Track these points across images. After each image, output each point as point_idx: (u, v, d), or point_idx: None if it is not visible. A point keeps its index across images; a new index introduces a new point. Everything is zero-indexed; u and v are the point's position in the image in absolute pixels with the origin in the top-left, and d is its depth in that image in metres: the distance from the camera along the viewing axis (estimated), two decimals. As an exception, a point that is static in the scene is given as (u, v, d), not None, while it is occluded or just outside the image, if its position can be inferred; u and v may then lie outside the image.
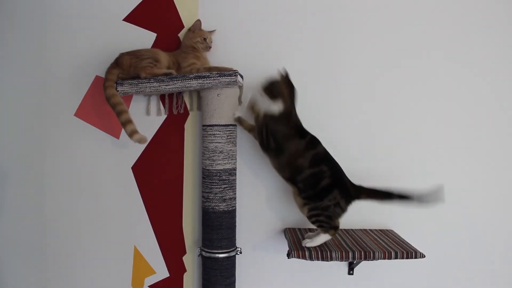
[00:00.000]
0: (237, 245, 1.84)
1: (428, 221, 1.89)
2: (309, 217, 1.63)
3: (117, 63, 1.77)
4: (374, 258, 1.57)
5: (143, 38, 1.88)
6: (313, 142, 1.64)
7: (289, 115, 1.64)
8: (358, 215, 1.87)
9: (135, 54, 1.77)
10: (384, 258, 1.57)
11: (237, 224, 1.82)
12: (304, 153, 1.61)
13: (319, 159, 1.62)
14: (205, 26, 1.83)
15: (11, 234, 1.96)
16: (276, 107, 1.61)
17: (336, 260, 1.57)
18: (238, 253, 1.82)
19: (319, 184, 1.60)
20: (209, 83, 1.67)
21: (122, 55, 1.78)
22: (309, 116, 1.74)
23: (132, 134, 1.71)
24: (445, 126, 1.88)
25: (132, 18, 1.90)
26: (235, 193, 1.78)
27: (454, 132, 1.88)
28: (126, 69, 1.75)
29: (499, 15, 1.86)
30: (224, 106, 1.73)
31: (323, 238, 1.63)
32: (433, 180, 1.89)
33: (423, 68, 1.87)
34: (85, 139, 1.92)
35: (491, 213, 1.90)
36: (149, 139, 1.89)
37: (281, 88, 1.62)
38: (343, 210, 1.63)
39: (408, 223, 1.89)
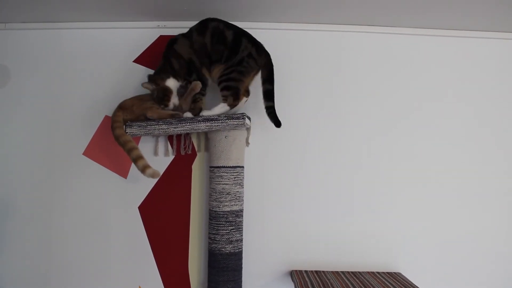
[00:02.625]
0: (243, 287, 1.82)
1: (436, 263, 1.88)
2: (220, 82, 1.70)
3: (120, 106, 1.79)
4: (382, 304, 1.56)
5: (152, 80, 1.92)
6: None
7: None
8: (365, 258, 1.88)
9: (137, 97, 1.81)
10: (393, 304, 1.56)
11: (243, 266, 1.80)
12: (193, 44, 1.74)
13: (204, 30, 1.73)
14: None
15: (18, 270, 1.94)
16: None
17: (344, 305, 1.55)
18: (245, 296, 1.80)
19: (226, 38, 1.70)
20: (217, 125, 1.69)
21: (124, 100, 1.81)
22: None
23: (144, 169, 1.69)
24: (452, 170, 1.91)
25: (142, 59, 1.95)
26: (242, 235, 1.77)
27: (461, 176, 1.92)
28: (128, 108, 1.77)
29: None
30: (231, 148, 1.74)
31: (220, 107, 1.70)
32: (443, 222, 1.90)
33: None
34: (93, 178, 1.93)
35: (500, 255, 1.89)
36: (156, 179, 1.90)
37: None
38: (256, 61, 1.70)
39: (416, 265, 1.88)
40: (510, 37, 1.94)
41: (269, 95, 1.71)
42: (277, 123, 1.72)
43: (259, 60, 1.72)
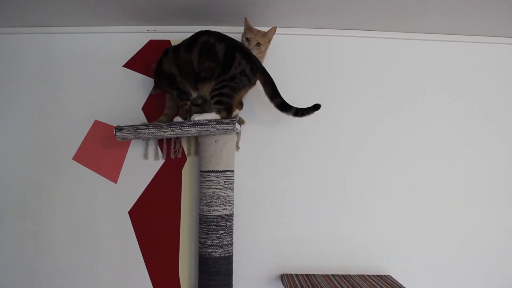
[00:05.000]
0: (234, 291, 1.82)
1: (426, 266, 1.89)
2: (212, 97, 1.68)
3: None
4: (372, 307, 1.56)
5: (142, 84, 1.92)
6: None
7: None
8: (355, 261, 1.88)
9: None
10: (383, 307, 1.56)
11: (234, 270, 1.80)
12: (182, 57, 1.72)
13: (193, 44, 1.70)
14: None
15: (7, 275, 1.92)
16: None
17: (334, 309, 1.56)
18: (235, 300, 1.80)
19: (216, 54, 1.65)
20: (207, 130, 1.70)
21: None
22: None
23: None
24: (442, 174, 1.93)
25: (132, 64, 1.95)
26: (232, 239, 1.77)
27: (450, 180, 1.93)
28: None
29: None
30: (221, 152, 1.75)
31: (212, 115, 1.69)
32: (433, 225, 1.91)
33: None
34: (83, 183, 1.92)
35: (490, 258, 1.91)
36: (146, 183, 1.91)
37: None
38: (249, 78, 1.67)
39: (406, 268, 1.89)
40: (505, 42, 1.97)
41: (285, 106, 1.69)
42: (315, 107, 1.69)
43: (253, 78, 1.69)
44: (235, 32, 1.84)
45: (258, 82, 1.73)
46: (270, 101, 1.71)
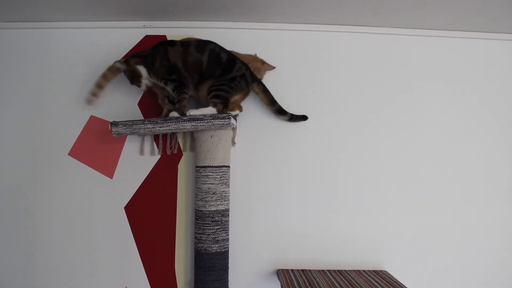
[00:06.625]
0: (230, 286, 1.82)
1: (421, 261, 1.90)
2: (210, 92, 1.72)
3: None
4: (367, 302, 1.57)
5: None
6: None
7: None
8: (351, 256, 1.89)
9: None
10: (378, 302, 1.57)
11: (229, 265, 1.80)
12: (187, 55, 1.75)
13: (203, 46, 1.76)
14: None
15: (2, 271, 1.92)
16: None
17: (329, 303, 1.56)
18: (231, 295, 1.80)
19: (221, 59, 1.74)
20: (203, 125, 1.69)
21: None
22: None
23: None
24: (438, 170, 1.93)
25: (128, 59, 1.94)
26: (228, 234, 1.77)
27: (447, 176, 1.94)
28: None
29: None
30: (217, 148, 1.75)
31: (208, 110, 1.72)
32: (429, 221, 1.92)
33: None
34: (79, 179, 1.92)
35: (485, 253, 1.91)
36: (142, 179, 1.90)
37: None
38: (248, 83, 1.77)
39: (402, 263, 1.89)
40: (501, 38, 1.97)
41: (282, 111, 1.85)
42: (304, 118, 1.89)
43: (251, 84, 1.79)
44: (230, 27, 1.85)
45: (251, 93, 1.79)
46: (269, 107, 1.86)
